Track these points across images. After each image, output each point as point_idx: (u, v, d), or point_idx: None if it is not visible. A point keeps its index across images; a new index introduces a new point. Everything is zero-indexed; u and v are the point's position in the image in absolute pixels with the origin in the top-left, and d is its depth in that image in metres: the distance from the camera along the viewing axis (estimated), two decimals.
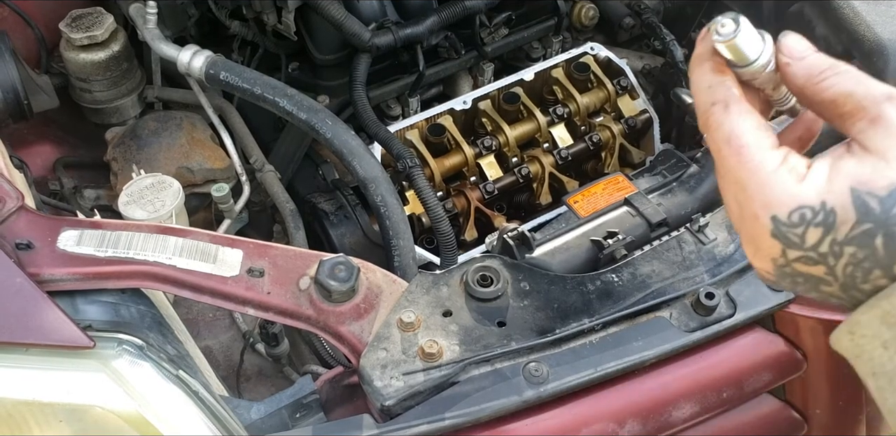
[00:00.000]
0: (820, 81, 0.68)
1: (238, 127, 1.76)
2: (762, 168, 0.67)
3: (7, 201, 1.06)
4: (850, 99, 0.67)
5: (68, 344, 0.94)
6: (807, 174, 0.66)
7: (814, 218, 0.65)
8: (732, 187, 0.70)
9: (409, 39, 1.66)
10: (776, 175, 0.67)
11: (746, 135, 0.68)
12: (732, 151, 0.69)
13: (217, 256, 1.09)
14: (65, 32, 1.68)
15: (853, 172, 0.65)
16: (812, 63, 0.69)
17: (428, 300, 1.09)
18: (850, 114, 0.67)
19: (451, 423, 1.01)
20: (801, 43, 0.70)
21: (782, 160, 0.67)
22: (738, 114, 0.69)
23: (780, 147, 0.68)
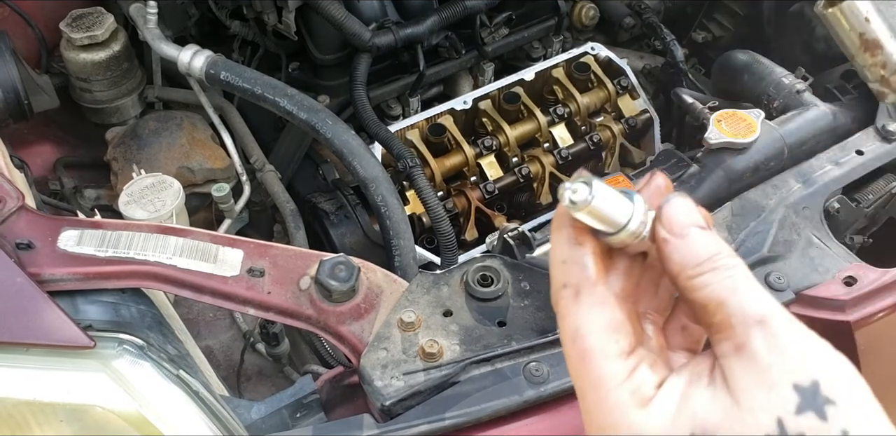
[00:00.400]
0: (693, 276, 0.57)
1: (238, 127, 1.76)
2: (602, 383, 0.57)
3: (7, 201, 1.06)
4: (721, 310, 0.56)
5: (69, 344, 0.94)
6: (653, 399, 0.56)
7: None
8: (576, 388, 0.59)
9: (410, 39, 1.66)
10: (616, 395, 0.56)
11: (592, 336, 0.58)
12: (575, 353, 0.58)
13: (217, 256, 1.09)
14: (65, 32, 1.68)
15: (701, 411, 0.54)
16: (691, 248, 0.57)
17: (428, 300, 1.09)
18: (717, 328, 0.56)
19: (451, 423, 1.01)
20: (688, 214, 0.58)
21: (628, 375, 0.57)
22: (588, 306, 0.58)
23: (632, 354, 0.58)
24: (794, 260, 1.18)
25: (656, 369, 0.58)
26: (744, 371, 0.54)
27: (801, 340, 0.54)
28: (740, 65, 1.59)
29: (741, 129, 1.37)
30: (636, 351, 0.58)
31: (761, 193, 1.26)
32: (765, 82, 1.53)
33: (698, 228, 0.58)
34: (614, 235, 0.58)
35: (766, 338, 0.54)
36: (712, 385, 0.55)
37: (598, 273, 0.59)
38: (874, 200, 1.39)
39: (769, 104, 1.51)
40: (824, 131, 1.42)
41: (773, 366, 0.53)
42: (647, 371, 0.57)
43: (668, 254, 0.57)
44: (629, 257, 0.62)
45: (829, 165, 1.32)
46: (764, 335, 0.54)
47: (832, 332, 1.14)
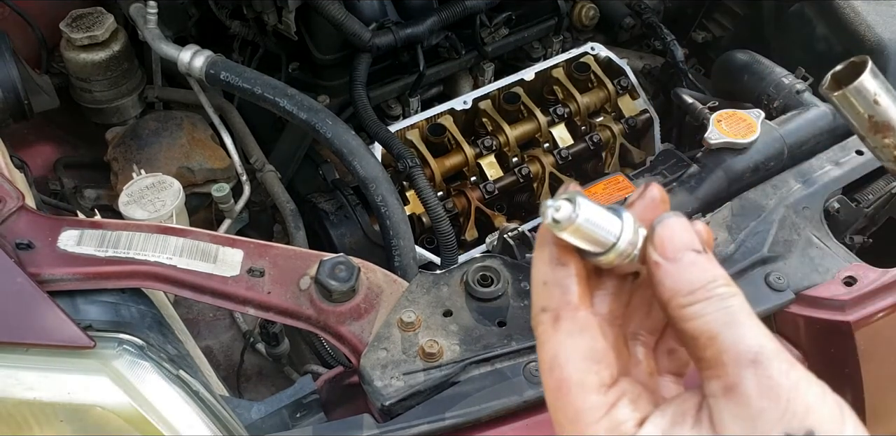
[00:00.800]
0: (685, 305, 0.52)
1: (238, 127, 1.76)
2: (579, 418, 0.52)
3: (7, 201, 1.06)
4: (712, 345, 0.51)
5: (69, 344, 0.94)
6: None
7: None
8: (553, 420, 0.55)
9: (410, 39, 1.66)
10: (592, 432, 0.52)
11: (570, 366, 0.53)
12: (552, 383, 0.54)
13: (217, 256, 1.08)
14: (65, 32, 1.68)
15: None
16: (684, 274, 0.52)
17: (428, 300, 1.09)
18: (707, 364, 0.52)
19: (451, 423, 1.01)
20: (682, 235, 0.53)
21: (606, 410, 0.52)
22: (566, 333, 0.53)
23: (613, 386, 0.53)
24: (794, 260, 1.18)
25: (639, 404, 0.54)
26: (733, 416, 0.50)
27: (796, 383, 0.50)
28: (740, 65, 1.59)
29: (741, 129, 1.37)
30: (618, 383, 0.54)
31: (761, 193, 1.26)
32: (765, 82, 1.53)
33: (693, 251, 0.53)
34: (601, 256, 0.54)
35: (759, 380, 0.50)
36: (698, 426, 0.51)
37: (580, 297, 0.54)
38: (874, 200, 1.38)
39: (769, 104, 1.51)
40: (824, 131, 1.42)
41: (764, 412, 0.49)
42: (628, 407, 0.53)
43: (660, 279, 0.53)
44: (619, 276, 0.58)
45: (829, 165, 1.32)
46: (757, 377, 0.50)
47: (832, 332, 1.14)
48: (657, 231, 0.54)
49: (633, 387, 0.55)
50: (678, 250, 0.53)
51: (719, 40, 2.00)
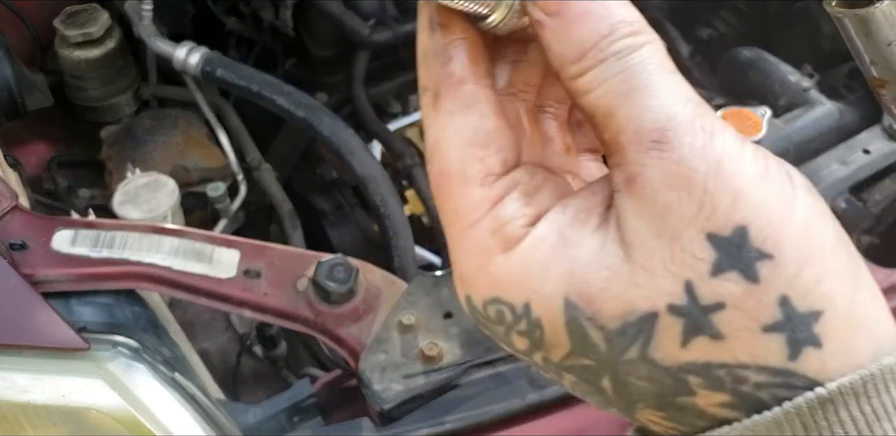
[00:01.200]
0: (577, 75, 0.38)
1: (235, 125, 1.75)
2: (459, 216, 0.41)
3: (1, 201, 1.06)
4: (609, 124, 0.38)
5: (63, 346, 0.93)
6: (520, 241, 0.39)
7: (515, 324, 0.40)
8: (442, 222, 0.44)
9: (409, 36, 1.65)
10: (475, 234, 0.41)
11: (450, 153, 0.42)
12: (433, 175, 0.43)
13: (213, 257, 1.08)
14: (59, 30, 1.66)
15: (582, 266, 0.38)
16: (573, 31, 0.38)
17: (428, 302, 1.08)
18: (608, 149, 0.39)
19: (452, 427, 1.00)
20: None
21: (490, 207, 0.40)
22: (447, 114, 0.42)
23: (500, 177, 0.41)
24: None
25: (536, 197, 0.41)
26: (636, 215, 0.37)
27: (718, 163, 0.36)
28: (745, 62, 1.59)
29: (746, 127, 1.36)
30: (511, 173, 0.41)
31: None
32: (770, 80, 1.53)
33: None
34: (489, 17, 0.42)
35: (665, 165, 0.36)
36: (603, 229, 0.38)
37: (464, 67, 0.42)
38: (881, 199, 1.38)
39: (775, 102, 1.51)
40: (830, 130, 1.42)
41: (673, 208, 0.36)
42: (518, 202, 0.41)
43: (546, 43, 0.39)
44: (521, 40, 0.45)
45: (836, 163, 1.32)
46: (662, 161, 0.36)
47: None
48: None
49: (531, 176, 0.42)
50: None
51: (724, 37, 1.99)
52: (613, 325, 0.37)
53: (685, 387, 0.37)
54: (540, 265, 0.39)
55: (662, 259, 0.36)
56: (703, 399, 0.37)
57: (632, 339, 0.37)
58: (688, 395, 0.37)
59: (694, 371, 0.36)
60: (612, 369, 0.38)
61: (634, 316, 0.36)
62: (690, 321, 0.36)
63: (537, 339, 0.39)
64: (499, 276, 0.40)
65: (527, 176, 0.42)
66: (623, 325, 0.37)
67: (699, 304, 0.36)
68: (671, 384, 0.37)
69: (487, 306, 0.41)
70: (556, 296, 0.38)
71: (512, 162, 0.42)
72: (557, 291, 0.38)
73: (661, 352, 0.36)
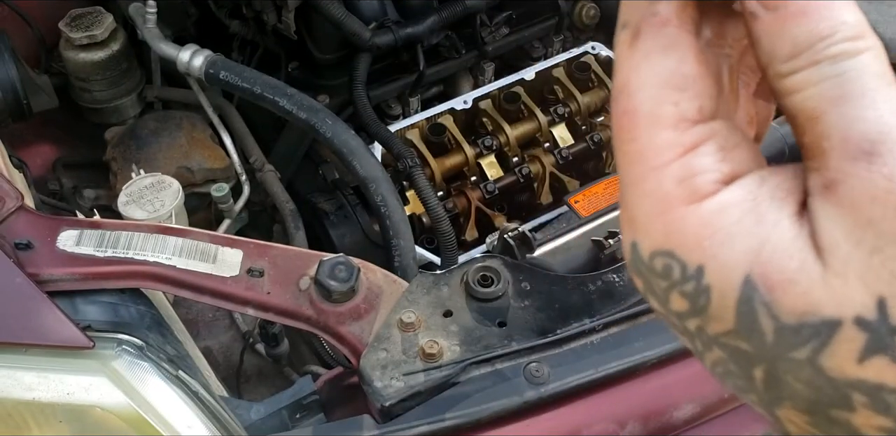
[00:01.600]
0: (785, 75, 0.36)
1: (238, 126, 1.75)
2: (643, 158, 0.38)
3: (6, 201, 1.06)
4: (813, 128, 0.35)
5: (68, 344, 0.93)
6: (709, 197, 0.37)
7: (680, 283, 0.38)
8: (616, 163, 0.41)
9: (410, 39, 1.66)
10: (658, 179, 0.38)
11: (641, 93, 0.38)
12: (616, 115, 0.39)
13: (217, 256, 1.08)
14: (64, 32, 1.67)
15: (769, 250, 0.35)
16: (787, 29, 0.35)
17: (428, 300, 1.09)
18: (807, 152, 0.36)
19: (451, 423, 1.01)
20: None
21: (681, 153, 0.37)
22: (644, 54, 0.39)
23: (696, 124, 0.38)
24: None
25: (734, 155, 0.38)
26: (833, 221, 0.34)
27: None
28: None
29: None
30: (706, 123, 0.38)
31: None
32: None
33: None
34: None
35: (873, 179, 0.33)
36: (800, 219, 0.36)
37: (670, 8, 0.39)
38: None
39: None
40: None
41: (878, 222, 0.33)
42: (713, 156, 0.37)
43: (756, 37, 0.36)
44: None
45: None
46: (870, 174, 0.33)
47: None
48: None
49: (729, 132, 0.38)
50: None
51: None
52: (790, 320, 0.35)
53: (846, 402, 0.34)
54: (726, 231, 0.36)
55: (858, 269, 0.34)
56: (861, 418, 0.35)
57: (805, 340, 0.34)
58: (846, 410, 0.35)
59: (862, 389, 0.34)
60: (771, 362, 0.36)
61: (816, 318, 0.34)
62: (875, 338, 0.33)
63: (700, 306, 0.37)
64: (676, 228, 0.37)
65: (725, 130, 0.38)
66: (800, 323, 0.34)
67: (889, 322, 0.33)
68: (831, 395, 0.35)
69: (655, 257, 0.38)
70: (737, 269, 0.35)
71: (708, 112, 0.38)
72: (739, 265, 0.35)
73: (832, 362, 0.34)
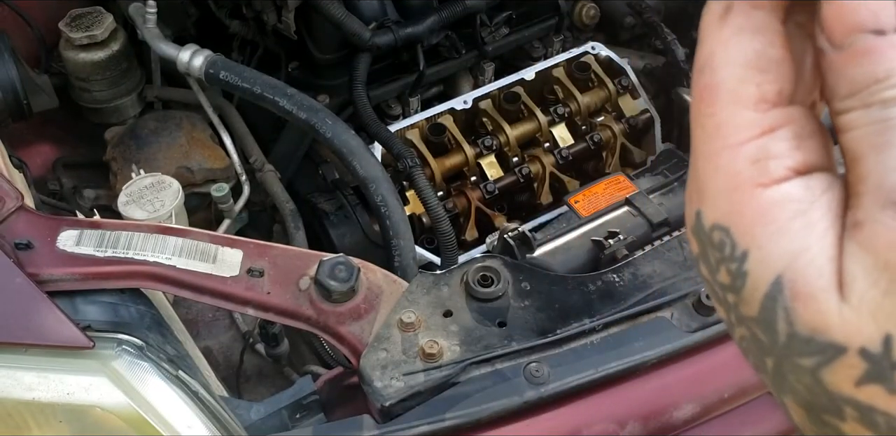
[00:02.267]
0: (841, 112, 0.36)
1: (238, 126, 1.76)
2: (719, 133, 0.39)
3: (6, 201, 1.06)
4: (855, 168, 0.37)
5: (68, 344, 0.93)
6: (780, 182, 0.38)
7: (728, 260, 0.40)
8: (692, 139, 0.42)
9: (410, 39, 1.66)
10: (732, 156, 0.39)
11: (725, 69, 0.39)
12: (698, 88, 0.41)
13: (217, 256, 1.08)
14: (64, 32, 1.67)
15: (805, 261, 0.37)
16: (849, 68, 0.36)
17: (428, 300, 1.09)
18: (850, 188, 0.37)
19: (451, 423, 1.01)
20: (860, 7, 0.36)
21: (759, 133, 0.38)
22: (734, 30, 0.40)
23: (774, 107, 0.39)
24: None
25: (809, 144, 0.39)
26: (854, 259, 0.36)
27: None
28: None
29: None
30: (785, 109, 0.39)
31: None
32: None
33: (871, 34, 0.36)
34: None
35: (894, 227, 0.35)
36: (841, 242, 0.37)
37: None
38: None
39: None
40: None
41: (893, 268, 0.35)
42: (789, 141, 0.38)
43: (823, 70, 0.37)
44: None
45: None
46: (893, 224, 0.35)
47: None
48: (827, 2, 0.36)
49: (806, 119, 0.39)
50: (848, 32, 0.36)
51: None
52: (803, 331, 0.37)
53: (839, 412, 0.37)
54: (776, 226, 0.37)
55: (870, 307, 0.36)
56: (850, 428, 0.37)
57: (812, 352, 0.37)
58: (838, 418, 0.37)
59: (855, 406, 0.36)
60: (779, 359, 0.38)
61: (825, 339, 0.36)
62: (875, 369, 0.35)
63: (738, 286, 0.39)
64: (739, 208, 0.38)
65: (802, 117, 0.39)
66: (811, 337, 0.37)
67: (891, 358, 0.35)
68: (826, 403, 0.37)
69: (715, 230, 0.40)
70: (773, 267, 0.37)
71: (787, 96, 0.39)
72: (776, 264, 0.37)
73: (832, 378, 0.36)
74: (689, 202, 0.42)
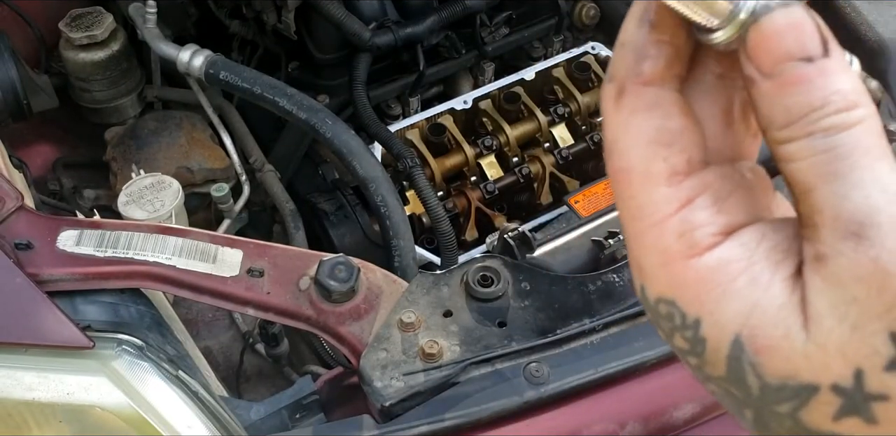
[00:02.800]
0: (781, 142, 0.36)
1: (238, 127, 1.76)
2: (642, 213, 0.40)
3: (6, 201, 1.06)
4: (806, 200, 0.37)
5: (68, 344, 0.93)
6: (709, 250, 0.38)
7: (681, 329, 0.40)
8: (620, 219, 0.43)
9: (410, 39, 1.66)
10: (658, 233, 0.39)
11: (631, 151, 0.40)
12: (612, 172, 0.42)
13: (217, 257, 1.08)
14: (64, 32, 1.67)
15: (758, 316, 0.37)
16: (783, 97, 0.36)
17: (428, 300, 1.09)
18: (804, 220, 0.37)
19: (451, 423, 1.01)
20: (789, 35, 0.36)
21: (678, 207, 0.39)
22: (629, 112, 0.40)
23: (687, 177, 0.39)
24: None
25: (729, 205, 0.39)
26: (820, 294, 0.36)
27: None
28: None
29: None
30: (700, 173, 0.40)
31: None
32: None
33: (802, 61, 0.35)
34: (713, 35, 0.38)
35: (858, 259, 0.35)
36: (791, 284, 0.37)
37: (655, 70, 0.40)
38: None
39: None
40: None
41: (861, 301, 0.35)
42: (710, 208, 0.39)
43: (754, 99, 0.37)
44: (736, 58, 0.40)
45: None
46: (856, 254, 0.35)
47: None
48: (753, 31, 0.36)
49: (722, 180, 0.40)
50: (778, 61, 0.36)
51: None
52: (773, 381, 0.37)
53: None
54: (721, 290, 0.38)
55: (838, 342, 0.35)
56: None
57: (786, 398, 0.37)
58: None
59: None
60: (758, 409, 0.39)
61: (796, 382, 0.37)
62: (849, 403, 0.36)
63: (698, 351, 0.40)
64: (677, 280, 0.39)
65: (718, 179, 0.40)
66: (782, 384, 0.37)
67: (864, 391, 0.35)
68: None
69: (660, 303, 0.41)
70: (728, 329, 0.38)
71: (697, 161, 0.40)
72: (731, 325, 0.38)
73: (810, 417, 0.37)
74: (634, 277, 0.42)
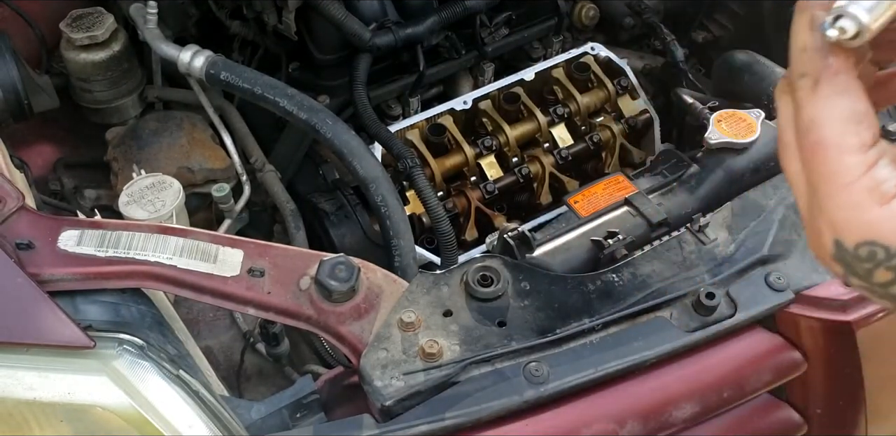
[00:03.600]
0: None
1: (238, 127, 1.76)
2: (836, 177, 0.52)
3: (8, 201, 1.06)
4: None
5: (69, 344, 0.94)
6: (892, 200, 0.51)
7: (885, 261, 0.51)
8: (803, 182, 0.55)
9: (410, 39, 1.66)
10: (852, 191, 0.51)
11: (828, 127, 0.52)
12: (808, 145, 0.53)
13: (217, 256, 1.08)
14: (65, 32, 1.68)
15: None
16: None
17: (428, 300, 1.09)
18: None
19: (451, 423, 1.01)
20: None
21: (866, 169, 0.52)
22: (825, 97, 0.53)
23: (871, 147, 0.52)
24: (795, 260, 1.18)
25: None
26: None
27: None
28: (740, 65, 1.59)
29: (741, 129, 1.37)
30: (878, 145, 0.53)
31: (761, 193, 1.26)
32: (765, 82, 1.53)
33: None
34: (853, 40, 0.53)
35: None
36: None
37: (839, 61, 0.53)
38: None
39: (769, 104, 1.51)
40: None
41: None
42: (889, 167, 0.52)
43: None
44: None
45: None
46: None
47: (833, 332, 1.14)
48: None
49: (891, 147, 0.53)
50: None
51: (719, 40, 1.99)
52: None
53: None
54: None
55: None
56: None
57: None
58: None
59: None
60: None
61: None
62: None
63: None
64: (876, 223, 0.51)
65: (890, 148, 0.52)
66: None
67: None
68: None
69: (860, 247, 0.52)
70: None
71: (877, 136, 0.53)
72: None
73: None
74: (821, 235, 0.54)
